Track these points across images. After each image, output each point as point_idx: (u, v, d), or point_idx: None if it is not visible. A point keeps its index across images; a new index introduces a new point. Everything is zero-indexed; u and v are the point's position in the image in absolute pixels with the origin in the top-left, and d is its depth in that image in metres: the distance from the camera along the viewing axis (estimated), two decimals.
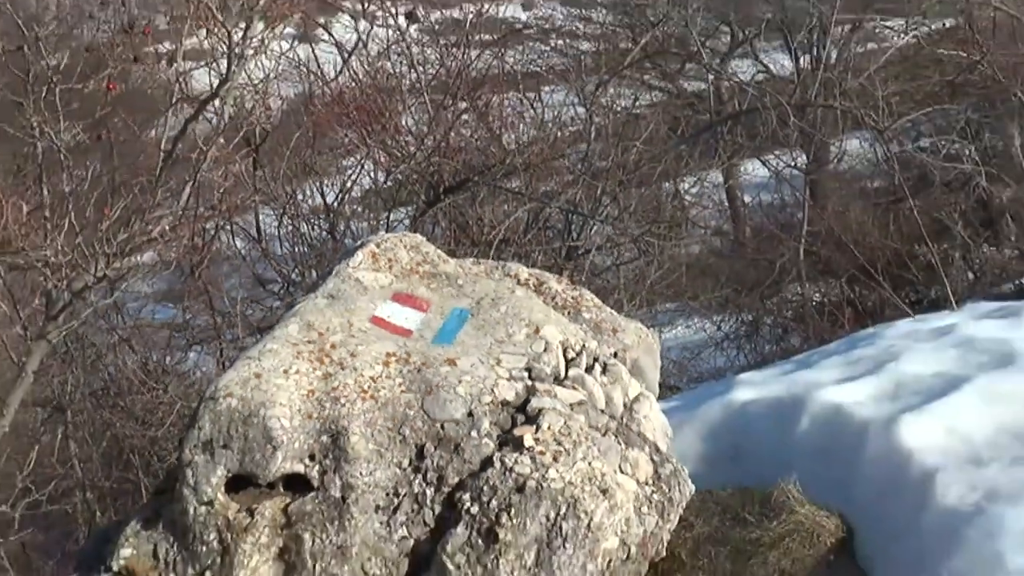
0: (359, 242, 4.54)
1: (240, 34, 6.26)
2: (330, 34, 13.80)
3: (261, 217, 13.10)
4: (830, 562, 4.24)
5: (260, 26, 6.55)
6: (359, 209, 13.56)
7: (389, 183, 13.05)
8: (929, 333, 5.94)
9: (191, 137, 6.80)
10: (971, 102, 14.31)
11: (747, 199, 22.63)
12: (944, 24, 17.38)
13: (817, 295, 14.10)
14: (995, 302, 6.59)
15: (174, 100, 6.88)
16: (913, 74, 17.77)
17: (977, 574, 3.88)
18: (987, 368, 5.14)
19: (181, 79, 7.24)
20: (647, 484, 3.99)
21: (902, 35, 21.27)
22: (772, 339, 14.24)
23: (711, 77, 22.95)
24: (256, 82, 11.85)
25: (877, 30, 23.16)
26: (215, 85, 6.48)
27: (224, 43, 6.29)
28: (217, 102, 6.69)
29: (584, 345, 4.27)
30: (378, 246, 4.39)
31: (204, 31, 6.43)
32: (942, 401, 4.80)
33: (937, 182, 14.05)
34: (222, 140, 6.71)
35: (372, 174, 13.47)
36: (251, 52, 6.58)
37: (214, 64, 6.37)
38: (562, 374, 4.14)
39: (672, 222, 17.18)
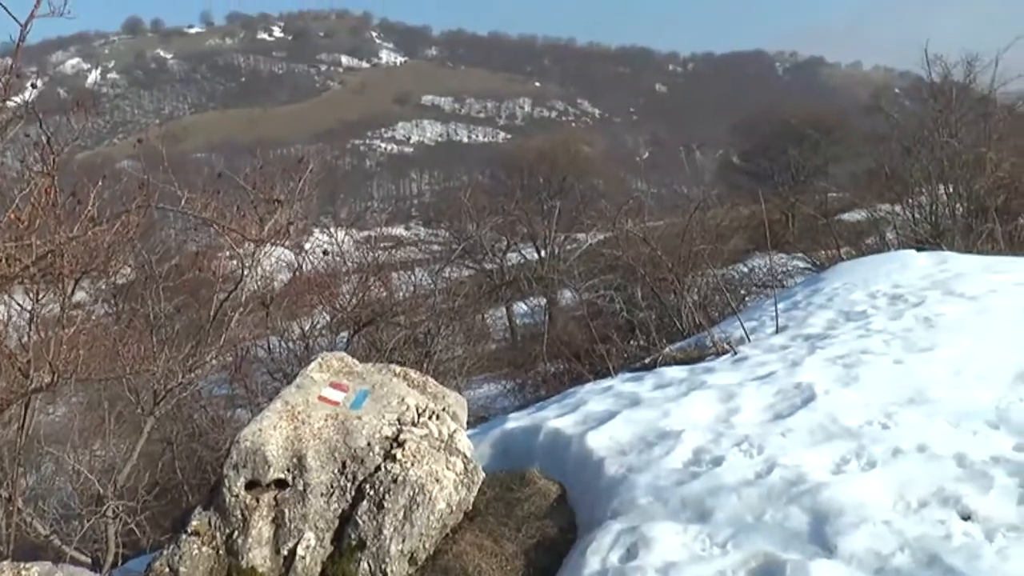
0: (313, 357, 4.45)
1: (253, 250, 6.14)
2: (301, 248, 13.56)
3: (272, 340, 12.69)
4: (555, 507, 4.24)
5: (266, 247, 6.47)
6: (321, 334, 13.20)
7: (334, 321, 12.77)
8: (601, 389, 6.00)
9: (231, 303, 6.59)
10: (619, 274, 14.85)
11: (518, 322, 22.94)
12: (605, 236, 18.10)
13: (552, 369, 14.22)
14: (632, 373, 6.74)
15: (217, 287, 6.73)
16: (592, 260, 18.41)
17: (624, 509, 3.93)
18: (627, 406, 5.22)
19: (222, 276, 7.09)
20: (461, 474, 3.99)
21: (587, 242, 22.16)
22: (531, 392, 14.24)
23: (498, 262, 23.53)
24: (266, 273, 11.77)
25: (575, 239, 24.17)
26: (241, 277, 6.33)
27: (246, 256, 6.17)
28: (243, 284, 6.52)
29: (427, 405, 4.25)
30: (322, 359, 4.32)
31: (238, 252, 6.32)
32: (607, 424, 4.86)
33: (606, 312, 14.53)
34: (245, 304, 6.53)
35: (326, 317, 13.20)
36: (259, 259, 6.46)
37: (244, 267, 6.23)
38: (416, 420, 4.11)
39: (480, 335, 17.29)
